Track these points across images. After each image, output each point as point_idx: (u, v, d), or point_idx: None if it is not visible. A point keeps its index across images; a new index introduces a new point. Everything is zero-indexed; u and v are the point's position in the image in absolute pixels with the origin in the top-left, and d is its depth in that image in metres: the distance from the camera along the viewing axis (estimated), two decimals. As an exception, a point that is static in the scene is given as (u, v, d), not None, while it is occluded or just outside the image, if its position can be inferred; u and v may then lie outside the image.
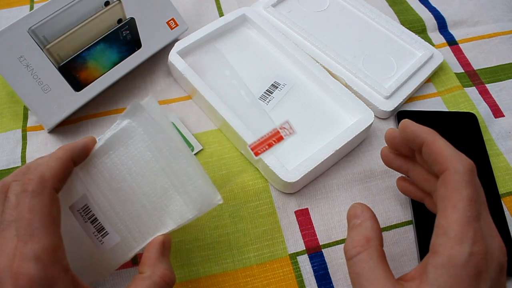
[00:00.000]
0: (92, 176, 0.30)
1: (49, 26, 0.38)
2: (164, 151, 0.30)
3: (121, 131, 0.30)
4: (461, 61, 0.48)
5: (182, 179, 0.30)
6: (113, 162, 0.30)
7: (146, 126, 0.30)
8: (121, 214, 0.30)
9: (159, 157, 0.30)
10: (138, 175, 0.30)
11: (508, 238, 0.35)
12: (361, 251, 0.26)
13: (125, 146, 0.30)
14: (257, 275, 0.34)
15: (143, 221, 0.30)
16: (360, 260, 0.26)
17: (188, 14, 0.50)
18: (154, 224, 0.30)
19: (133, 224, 0.30)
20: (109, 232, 0.30)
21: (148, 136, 0.30)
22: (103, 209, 0.30)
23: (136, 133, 0.30)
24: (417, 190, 0.33)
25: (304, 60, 0.43)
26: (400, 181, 0.34)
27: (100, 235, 0.30)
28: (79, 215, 0.30)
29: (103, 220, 0.30)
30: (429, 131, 0.28)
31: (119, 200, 0.30)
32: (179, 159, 0.30)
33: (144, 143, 0.30)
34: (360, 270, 0.25)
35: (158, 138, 0.30)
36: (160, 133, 0.30)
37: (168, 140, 0.30)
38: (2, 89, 0.44)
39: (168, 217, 0.30)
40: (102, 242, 0.30)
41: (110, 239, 0.30)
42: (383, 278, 0.24)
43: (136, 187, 0.30)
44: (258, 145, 0.33)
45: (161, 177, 0.30)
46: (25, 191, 0.24)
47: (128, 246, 0.30)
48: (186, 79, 0.41)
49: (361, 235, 0.26)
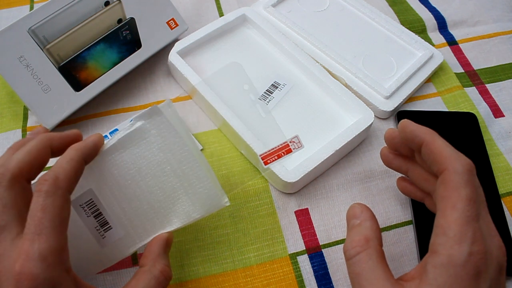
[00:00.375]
0: (100, 172, 0.30)
1: (49, 26, 0.38)
2: (177, 154, 0.31)
3: (135, 131, 0.31)
4: (461, 61, 0.48)
5: (192, 181, 0.31)
6: (123, 160, 0.31)
7: (161, 129, 0.31)
8: (127, 210, 0.31)
9: (171, 159, 0.31)
10: (147, 174, 0.31)
11: (508, 238, 0.35)
12: (360, 251, 0.26)
13: (137, 146, 0.31)
14: (257, 275, 0.34)
15: (149, 218, 0.31)
16: (359, 260, 0.26)
17: (188, 14, 0.50)
18: (160, 222, 0.31)
19: (138, 220, 0.31)
20: (113, 227, 0.31)
21: (161, 139, 0.31)
22: (109, 204, 0.31)
23: (150, 134, 0.31)
24: (417, 190, 0.33)
25: (304, 60, 0.43)
26: (401, 181, 0.34)
27: (103, 230, 0.31)
28: (81, 210, 0.30)
29: (107, 215, 0.31)
30: (428, 131, 0.28)
31: (126, 197, 0.31)
32: (191, 163, 0.31)
33: (157, 144, 0.31)
34: (360, 270, 0.25)
35: (173, 142, 0.31)
36: (175, 137, 0.31)
37: (182, 144, 0.31)
38: (2, 89, 0.44)
39: (174, 215, 0.31)
40: (104, 237, 0.31)
41: (113, 233, 0.31)
42: (382, 278, 0.25)
43: (144, 186, 0.31)
44: (268, 155, 0.35)
45: (171, 178, 0.31)
46: (39, 191, 0.25)
47: (130, 242, 0.31)
48: (186, 79, 0.41)
49: (361, 235, 0.26)
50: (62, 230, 0.25)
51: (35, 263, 0.23)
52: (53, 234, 0.24)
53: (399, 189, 0.35)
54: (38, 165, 0.27)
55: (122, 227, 0.31)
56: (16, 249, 0.24)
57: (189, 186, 0.31)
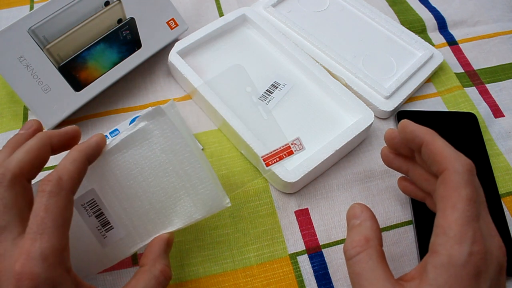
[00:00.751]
0: (102, 172, 0.31)
1: (49, 26, 0.38)
2: (179, 155, 0.31)
3: (138, 132, 0.31)
4: (461, 61, 0.48)
5: (194, 182, 0.31)
6: (126, 160, 0.31)
7: (164, 129, 0.31)
8: (129, 210, 0.31)
9: (174, 159, 0.31)
10: (149, 175, 0.31)
11: (508, 238, 0.35)
12: (360, 251, 0.26)
13: (139, 147, 0.31)
14: (257, 275, 0.34)
15: (150, 218, 0.31)
16: (359, 260, 0.26)
17: (188, 14, 0.50)
18: (161, 222, 0.31)
19: (139, 220, 0.31)
20: (114, 227, 0.31)
21: (164, 139, 0.31)
22: (111, 204, 0.31)
23: (153, 135, 0.31)
24: (418, 190, 0.33)
25: (304, 60, 0.43)
26: (402, 181, 0.34)
27: (104, 230, 0.31)
28: (83, 209, 0.30)
29: (109, 215, 0.31)
30: (428, 131, 0.28)
31: (128, 197, 0.31)
32: (193, 164, 0.31)
33: (159, 145, 0.31)
34: (360, 270, 0.25)
35: (175, 142, 0.31)
36: (178, 138, 0.31)
37: (184, 145, 0.31)
38: (2, 89, 0.44)
39: (175, 216, 0.31)
40: (105, 237, 0.31)
41: (114, 233, 0.31)
42: (382, 278, 0.25)
43: (147, 186, 0.31)
44: (270, 157, 0.35)
45: (173, 178, 0.31)
46: (43, 191, 0.25)
47: (131, 242, 0.31)
48: (186, 79, 0.41)
49: (361, 235, 0.26)
50: (64, 231, 0.25)
51: (36, 263, 0.23)
52: (55, 234, 0.24)
53: (400, 188, 0.35)
54: (38, 164, 0.27)
55: (123, 227, 0.31)
56: (17, 249, 0.24)
57: (191, 187, 0.31)
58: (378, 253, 0.26)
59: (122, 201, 0.31)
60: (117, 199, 0.31)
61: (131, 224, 0.31)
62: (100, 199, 0.30)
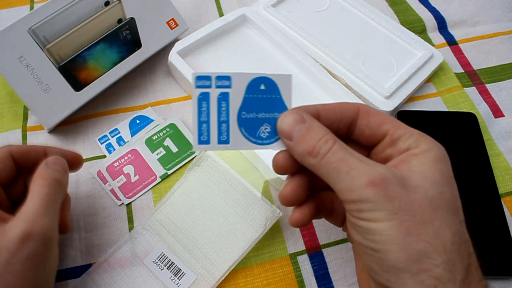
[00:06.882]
0: (161, 225, 0.34)
1: (49, 26, 0.38)
2: (226, 185, 0.36)
3: (187, 181, 0.36)
4: (461, 61, 0.48)
5: (244, 206, 0.35)
6: (177, 198, 0.35)
7: (209, 171, 0.36)
8: (194, 251, 0.33)
9: (222, 191, 0.35)
10: (201, 211, 0.35)
11: (508, 238, 0.35)
12: (334, 142, 0.24)
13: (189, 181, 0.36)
14: (257, 275, 0.34)
15: (215, 251, 0.33)
16: (338, 150, 0.24)
17: (188, 14, 0.50)
18: (225, 253, 0.33)
19: (205, 259, 0.33)
20: (185, 272, 0.32)
21: (207, 176, 0.36)
22: (177, 253, 0.33)
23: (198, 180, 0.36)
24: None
25: (304, 60, 0.43)
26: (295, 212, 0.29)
27: (177, 278, 0.32)
28: (155, 266, 0.32)
29: (179, 263, 0.33)
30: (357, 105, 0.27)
31: (189, 240, 0.34)
32: (241, 190, 0.35)
33: (204, 178, 0.36)
34: (342, 155, 0.23)
35: (219, 174, 0.36)
36: (222, 172, 0.36)
37: (229, 175, 0.36)
38: (2, 89, 0.44)
39: (236, 241, 0.34)
40: (179, 285, 0.32)
41: (187, 279, 0.32)
42: (364, 156, 0.24)
43: (200, 222, 0.34)
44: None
45: (225, 207, 0.35)
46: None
47: (205, 281, 0.33)
48: (186, 79, 0.41)
49: (323, 131, 0.25)
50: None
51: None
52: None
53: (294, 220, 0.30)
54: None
55: (193, 270, 0.33)
56: None
57: (243, 212, 0.34)
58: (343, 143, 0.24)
59: (186, 245, 0.33)
60: (181, 245, 0.33)
61: (200, 265, 0.33)
62: (167, 251, 0.33)
